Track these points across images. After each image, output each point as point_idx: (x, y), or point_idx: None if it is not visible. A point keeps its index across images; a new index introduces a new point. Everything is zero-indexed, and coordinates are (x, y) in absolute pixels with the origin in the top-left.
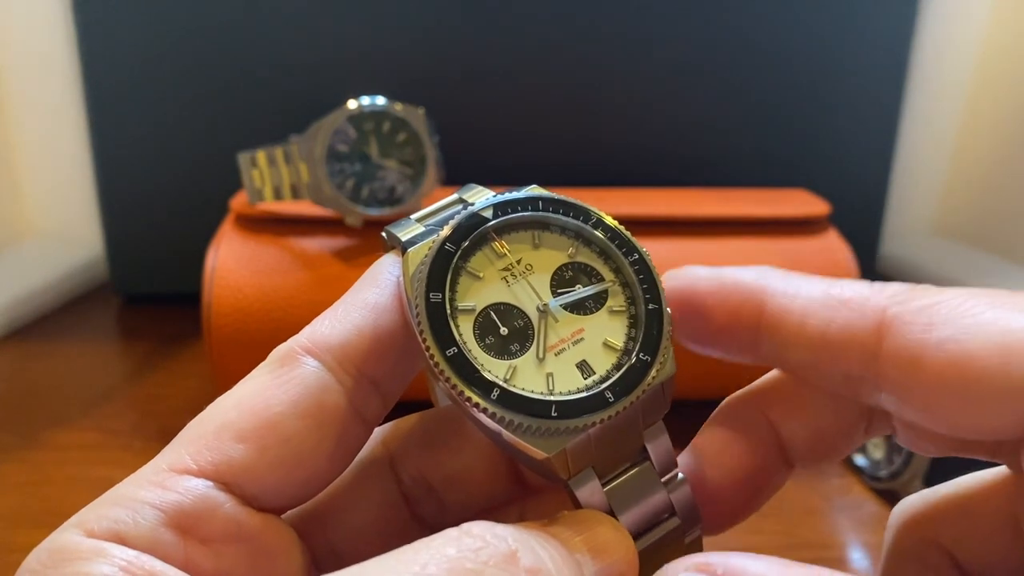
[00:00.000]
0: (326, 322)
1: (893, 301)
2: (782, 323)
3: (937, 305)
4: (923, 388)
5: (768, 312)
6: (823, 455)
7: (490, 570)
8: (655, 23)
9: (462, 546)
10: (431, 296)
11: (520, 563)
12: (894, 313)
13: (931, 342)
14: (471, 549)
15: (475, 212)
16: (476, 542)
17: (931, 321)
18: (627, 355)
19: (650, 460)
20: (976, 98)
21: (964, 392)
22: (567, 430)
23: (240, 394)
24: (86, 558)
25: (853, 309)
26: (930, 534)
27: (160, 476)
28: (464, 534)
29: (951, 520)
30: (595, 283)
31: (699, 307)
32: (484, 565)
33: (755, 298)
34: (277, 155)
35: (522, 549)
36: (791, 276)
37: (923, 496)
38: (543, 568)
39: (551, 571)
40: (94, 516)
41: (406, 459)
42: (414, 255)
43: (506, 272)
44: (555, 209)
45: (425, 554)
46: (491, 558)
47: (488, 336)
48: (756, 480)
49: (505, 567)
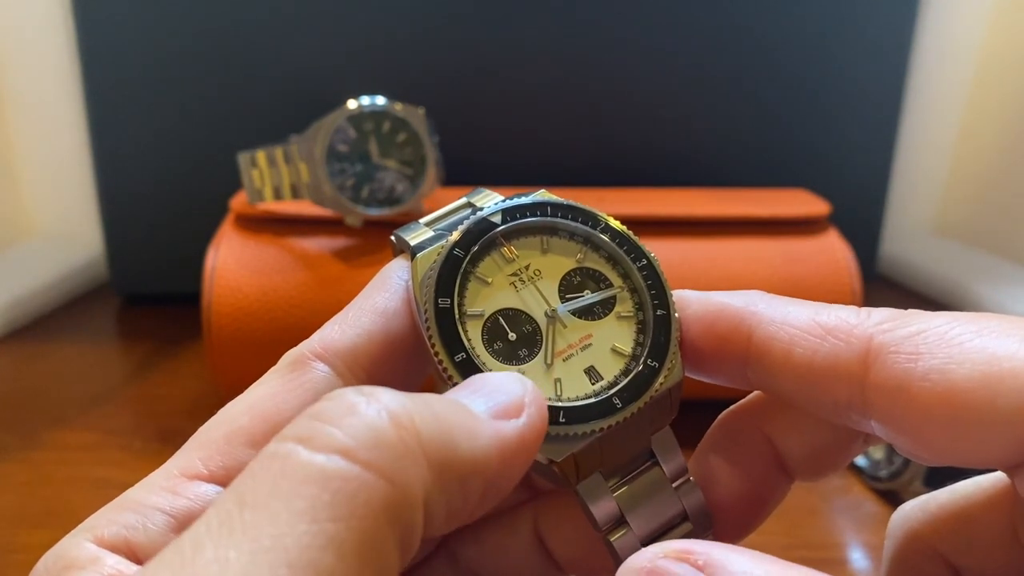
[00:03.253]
0: (336, 327)
1: (879, 329)
2: (769, 352)
3: (923, 333)
4: (911, 418)
5: (755, 340)
6: (822, 469)
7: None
8: (655, 24)
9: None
10: (440, 301)
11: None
12: (880, 342)
13: (917, 372)
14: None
15: (484, 217)
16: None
17: (917, 351)
18: (635, 361)
19: (659, 465)
20: (976, 98)
21: (951, 423)
22: (575, 436)
23: (251, 399)
24: (82, 567)
25: (839, 338)
26: (928, 543)
27: (171, 481)
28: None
29: (949, 529)
30: (603, 289)
31: (687, 332)
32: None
33: (743, 325)
34: (277, 155)
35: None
36: (779, 302)
37: (921, 504)
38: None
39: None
40: (104, 521)
41: None
42: (423, 260)
43: (514, 277)
44: (563, 214)
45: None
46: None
47: (496, 341)
48: (757, 496)
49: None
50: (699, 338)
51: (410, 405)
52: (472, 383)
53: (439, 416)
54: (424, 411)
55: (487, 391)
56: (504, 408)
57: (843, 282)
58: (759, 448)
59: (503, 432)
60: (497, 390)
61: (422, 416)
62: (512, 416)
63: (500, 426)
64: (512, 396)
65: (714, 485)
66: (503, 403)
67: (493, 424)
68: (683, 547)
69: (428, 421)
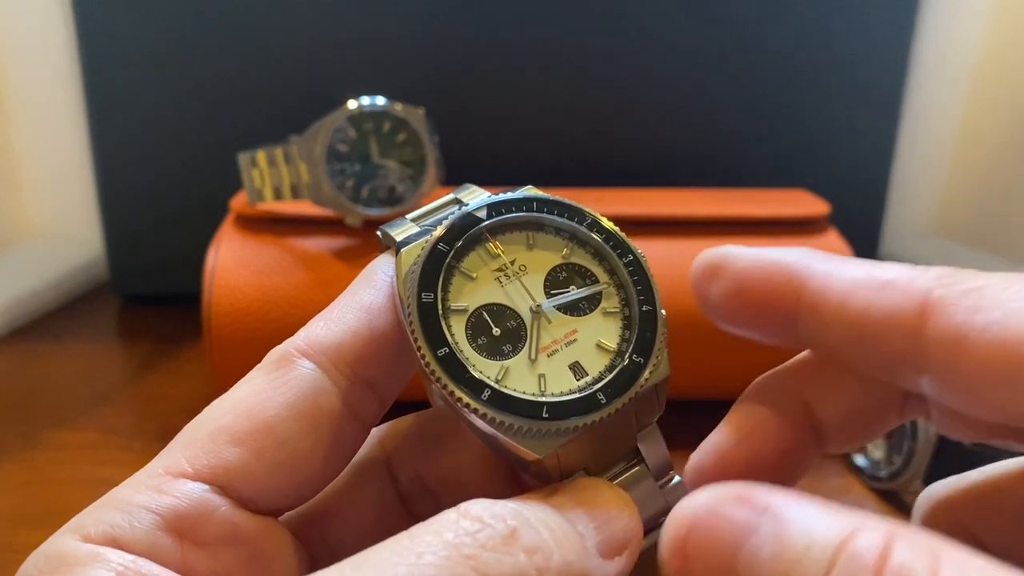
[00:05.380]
0: (321, 324)
1: (938, 283)
2: (823, 303)
3: (983, 288)
4: (967, 371)
5: (808, 292)
6: (857, 436)
7: (487, 554)
8: (655, 24)
9: (459, 529)
10: (423, 296)
11: (519, 542)
12: (939, 295)
13: (976, 325)
14: (468, 532)
15: (469, 212)
16: (473, 524)
17: (976, 304)
18: (620, 357)
19: (644, 463)
20: (976, 98)
21: (1008, 376)
22: (558, 431)
23: (236, 397)
24: (83, 563)
25: (897, 290)
26: (956, 516)
27: (156, 480)
28: (462, 516)
29: (980, 506)
30: (589, 284)
31: (737, 286)
32: (482, 549)
33: (796, 278)
34: (277, 155)
35: (521, 527)
36: (834, 258)
37: (950, 483)
38: (542, 546)
39: (551, 548)
40: (91, 520)
41: (403, 460)
42: (407, 255)
43: (499, 273)
44: (550, 210)
45: (421, 541)
46: (489, 540)
47: (480, 337)
48: (789, 459)
49: (504, 548)
50: (750, 291)
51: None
52: (586, 496)
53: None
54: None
55: (600, 519)
56: (612, 545)
57: None
58: (795, 411)
59: (608, 575)
60: (610, 521)
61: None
62: (617, 554)
63: (606, 570)
64: (623, 533)
65: (748, 442)
66: (613, 540)
67: (602, 567)
68: (741, 491)
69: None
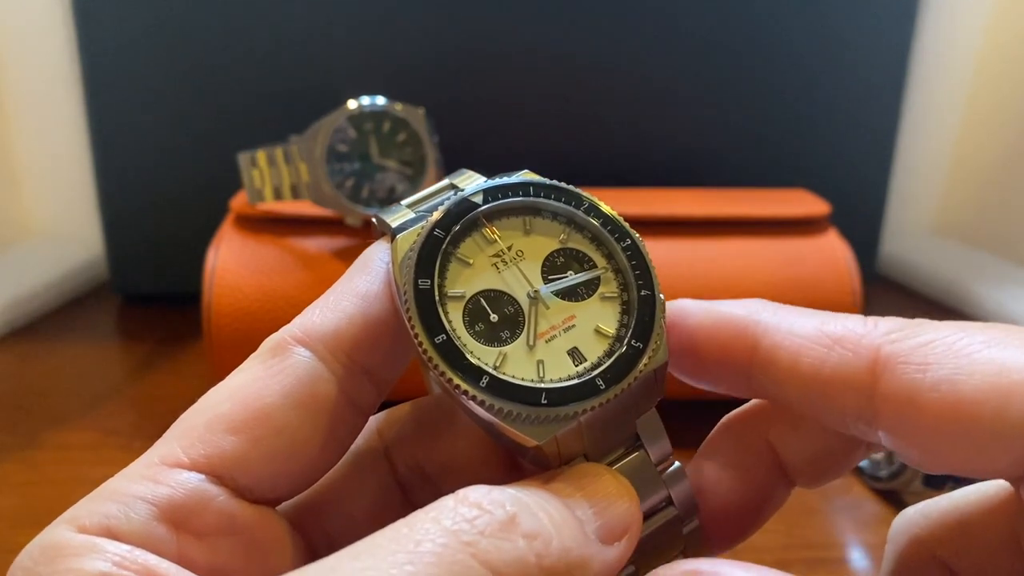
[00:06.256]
0: (316, 311)
1: (887, 339)
2: (775, 361)
3: (932, 343)
4: (920, 429)
5: (761, 349)
6: (823, 475)
7: (486, 540)
8: (655, 23)
9: (457, 516)
10: (419, 282)
11: (518, 528)
12: (888, 352)
13: (926, 383)
14: (467, 519)
15: (465, 197)
16: (471, 511)
17: (926, 361)
18: (619, 342)
19: (644, 449)
20: (976, 98)
21: (960, 434)
22: (557, 418)
23: (232, 385)
24: (78, 554)
25: (847, 348)
26: (929, 548)
27: (152, 470)
28: (460, 502)
29: (951, 535)
30: (587, 269)
31: (690, 341)
32: (480, 536)
33: (747, 333)
34: (277, 155)
35: (520, 513)
36: (784, 311)
37: (922, 509)
38: (542, 532)
39: (550, 533)
40: (86, 511)
41: (401, 447)
42: (403, 241)
43: (496, 258)
44: (547, 194)
45: (419, 528)
46: (487, 526)
47: (477, 323)
48: (757, 500)
49: (502, 535)
50: (702, 347)
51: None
52: (585, 482)
53: (565, 545)
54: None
55: (600, 505)
56: (612, 530)
57: (843, 282)
58: (761, 453)
59: (608, 561)
60: (609, 506)
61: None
62: (616, 539)
63: (606, 556)
64: (623, 518)
65: (715, 489)
66: (612, 525)
67: (602, 553)
68: (690, 568)
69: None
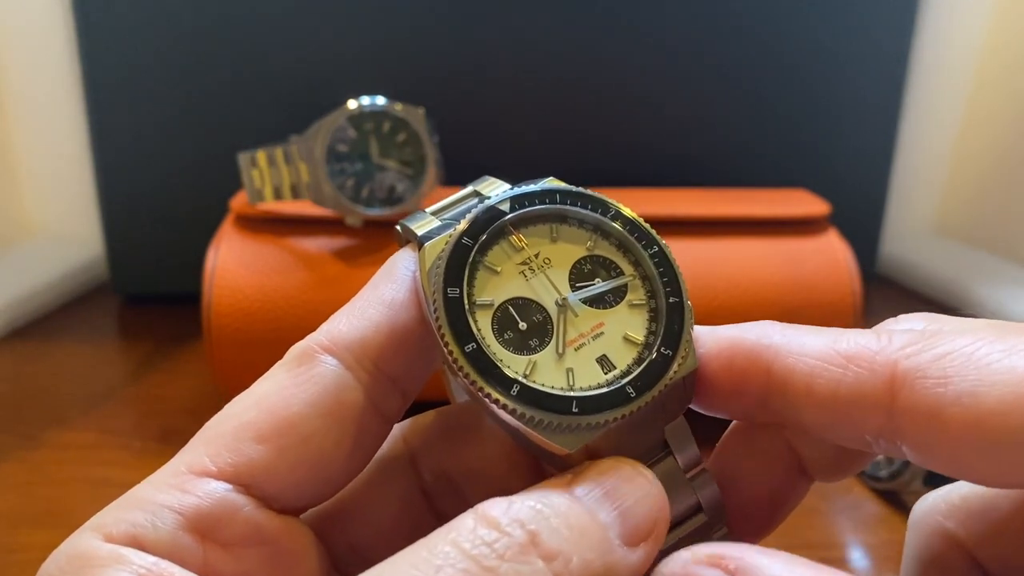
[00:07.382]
0: (343, 319)
1: (903, 354)
2: (790, 385)
3: (950, 355)
4: (945, 444)
5: (774, 374)
6: (842, 471)
7: (506, 565)
8: (655, 23)
9: (476, 539)
10: (449, 291)
11: (538, 548)
12: (906, 368)
13: (948, 397)
14: (486, 542)
15: (492, 205)
16: (491, 533)
17: (945, 375)
18: (648, 349)
19: (673, 456)
20: (976, 98)
21: (987, 447)
22: (588, 426)
23: (258, 393)
24: (105, 564)
25: (862, 366)
26: (952, 534)
27: (179, 479)
28: (479, 522)
29: (974, 521)
30: (614, 277)
31: (700, 372)
32: (500, 560)
33: (760, 360)
34: (277, 155)
35: (540, 531)
36: (793, 331)
37: (944, 495)
38: (562, 551)
39: (570, 551)
40: (112, 519)
41: (426, 455)
42: (431, 250)
43: (524, 266)
44: (573, 201)
45: (439, 552)
46: (507, 550)
47: (507, 331)
48: (777, 496)
49: (523, 558)
50: (715, 375)
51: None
52: (609, 481)
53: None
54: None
55: (622, 505)
56: (638, 530)
57: (843, 282)
58: (779, 451)
59: (632, 565)
60: (633, 507)
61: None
62: (643, 539)
63: (630, 561)
64: (648, 517)
65: (735, 485)
66: (638, 525)
67: (626, 559)
68: (714, 551)
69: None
